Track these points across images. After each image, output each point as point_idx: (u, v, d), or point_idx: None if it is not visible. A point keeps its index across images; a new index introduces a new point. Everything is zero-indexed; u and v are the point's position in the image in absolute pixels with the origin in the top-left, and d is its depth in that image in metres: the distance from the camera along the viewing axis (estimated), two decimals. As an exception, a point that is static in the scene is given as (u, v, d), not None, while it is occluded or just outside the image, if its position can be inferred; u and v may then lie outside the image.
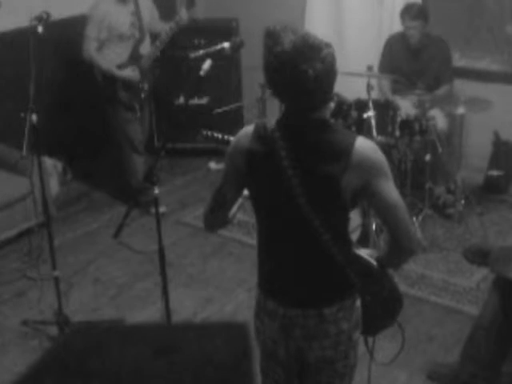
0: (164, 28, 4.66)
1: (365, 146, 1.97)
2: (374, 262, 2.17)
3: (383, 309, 2.23)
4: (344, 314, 2.10)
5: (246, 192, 2.19)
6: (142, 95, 4.71)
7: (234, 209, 2.26)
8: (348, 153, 1.93)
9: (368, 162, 1.95)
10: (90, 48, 4.54)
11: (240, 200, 2.23)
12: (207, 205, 2.23)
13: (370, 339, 2.36)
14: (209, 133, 2.77)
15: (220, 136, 2.81)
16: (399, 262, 2.21)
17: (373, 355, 2.34)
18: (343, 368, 2.20)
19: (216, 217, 2.25)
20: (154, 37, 4.77)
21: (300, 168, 1.97)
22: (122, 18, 4.55)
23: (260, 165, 2.04)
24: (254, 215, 2.20)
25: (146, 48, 4.68)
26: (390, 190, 1.99)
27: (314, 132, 1.99)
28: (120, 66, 4.59)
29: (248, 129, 2.10)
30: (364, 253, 2.20)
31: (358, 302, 2.16)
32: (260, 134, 2.04)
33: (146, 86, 4.72)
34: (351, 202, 2.01)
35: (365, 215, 4.11)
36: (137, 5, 4.59)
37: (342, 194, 1.95)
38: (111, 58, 4.59)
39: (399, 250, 2.10)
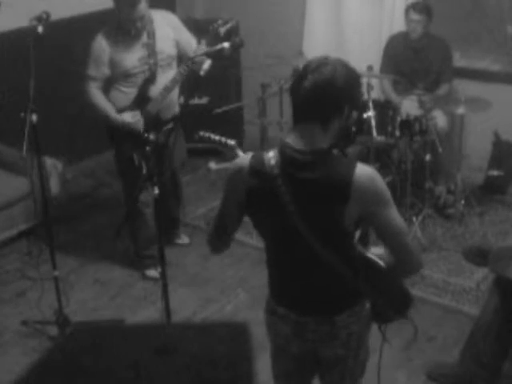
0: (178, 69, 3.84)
1: (363, 177, 1.96)
2: (382, 263, 2.18)
3: (392, 306, 2.27)
4: (354, 318, 2.17)
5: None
6: (147, 148, 3.66)
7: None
8: (347, 187, 1.94)
9: (368, 194, 1.96)
10: (89, 86, 3.87)
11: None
12: (210, 229, 2.25)
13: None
14: (206, 134, 2.76)
15: (217, 138, 2.80)
16: (403, 275, 2.31)
17: (387, 339, 2.36)
18: (353, 364, 2.28)
19: (220, 242, 2.29)
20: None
21: (301, 204, 1.99)
22: (127, 52, 3.81)
23: (261, 200, 2.06)
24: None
25: (157, 90, 3.86)
26: (391, 217, 2.00)
27: (313, 167, 1.98)
28: (122, 110, 3.86)
29: (243, 163, 2.07)
30: (373, 254, 2.21)
31: (368, 304, 2.22)
32: (258, 170, 2.02)
33: (151, 137, 3.63)
34: (356, 224, 2.05)
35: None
36: (151, 35, 3.82)
37: (344, 224, 1.99)
38: (117, 99, 3.89)
39: (403, 270, 2.17)
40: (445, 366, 3.29)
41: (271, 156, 2.02)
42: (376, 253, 2.22)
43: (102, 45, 3.81)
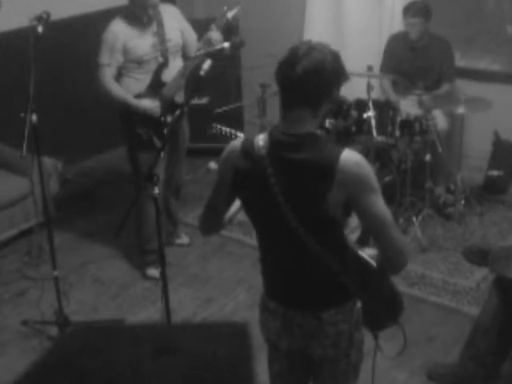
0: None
1: (349, 161, 1.96)
2: (374, 263, 2.18)
3: (383, 310, 2.25)
4: (343, 316, 2.14)
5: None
6: (165, 130, 3.97)
7: (232, 212, 2.29)
8: (333, 170, 1.94)
9: (353, 179, 1.95)
10: (103, 75, 3.92)
11: (237, 205, 2.26)
12: (202, 210, 2.28)
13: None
14: (218, 126, 2.82)
15: (227, 130, 2.86)
16: (389, 272, 2.23)
17: (379, 346, 2.37)
18: (346, 365, 2.25)
19: (210, 224, 2.32)
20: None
21: (286, 185, 2.00)
22: (140, 39, 3.92)
23: (248, 182, 2.08)
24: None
25: (170, 75, 3.99)
26: (375, 204, 1.99)
27: (300, 149, 2.00)
28: (138, 96, 3.95)
29: (236, 144, 2.12)
30: (366, 253, 2.21)
31: (359, 304, 2.19)
32: (247, 151, 2.06)
33: (169, 119, 3.99)
34: (343, 213, 2.03)
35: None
36: (161, 24, 3.97)
37: (329, 209, 1.98)
38: (130, 86, 3.96)
39: (387, 262, 2.11)
40: (445, 366, 3.29)
41: (261, 138, 2.06)
42: (368, 253, 2.22)
43: (115, 32, 3.90)
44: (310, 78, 1.97)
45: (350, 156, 1.98)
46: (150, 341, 0.93)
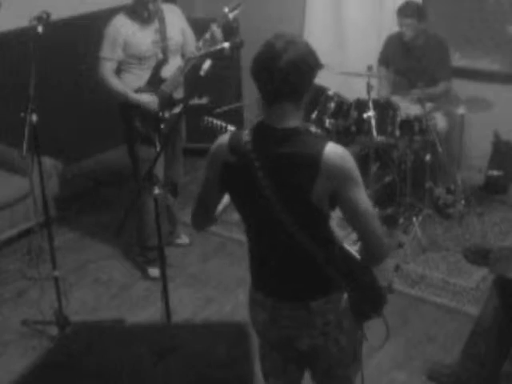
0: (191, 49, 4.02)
1: (333, 154, 2.00)
2: (357, 256, 2.22)
3: (366, 301, 2.27)
4: (331, 305, 2.17)
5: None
6: (162, 126, 4.00)
7: (220, 208, 2.32)
8: (317, 162, 1.98)
9: (336, 171, 1.99)
10: (104, 68, 3.95)
11: (226, 200, 2.28)
12: (193, 207, 2.33)
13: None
14: (209, 119, 2.86)
15: (218, 123, 2.90)
16: (370, 264, 2.26)
17: (365, 335, 2.37)
18: (338, 352, 2.26)
19: (201, 219, 2.35)
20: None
21: (273, 178, 2.03)
22: (141, 36, 3.95)
23: (236, 175, 2.12)
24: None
25: (170, 71, 4.02)
26: (358, 197, 2.02)
27: (285, 143, 2.03)
28: (137, 91, 3.98)
29: (224, 139, 2.15)
30: (351, 247, 2.24)
31: (346, 294, 2.21)
32: (235, 146, 2.09)
33: (166, 115, 4.03)
34: (328, 204, 2.06)
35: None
36: (162, 22, 4.01)
37: (316, 201, 2.01)
38: (129, 81, 3.99)
39: (368, 254, 2.15)
40: (445, 366, 3.29)
41: (247, 133, 2.09)
42: (353, 248, 2.24)
43: (117, 27, 3.94)
44: (293, 71, 1.98)
45: (333, 149, 2.01)
46: (150, 341, 0.93)
